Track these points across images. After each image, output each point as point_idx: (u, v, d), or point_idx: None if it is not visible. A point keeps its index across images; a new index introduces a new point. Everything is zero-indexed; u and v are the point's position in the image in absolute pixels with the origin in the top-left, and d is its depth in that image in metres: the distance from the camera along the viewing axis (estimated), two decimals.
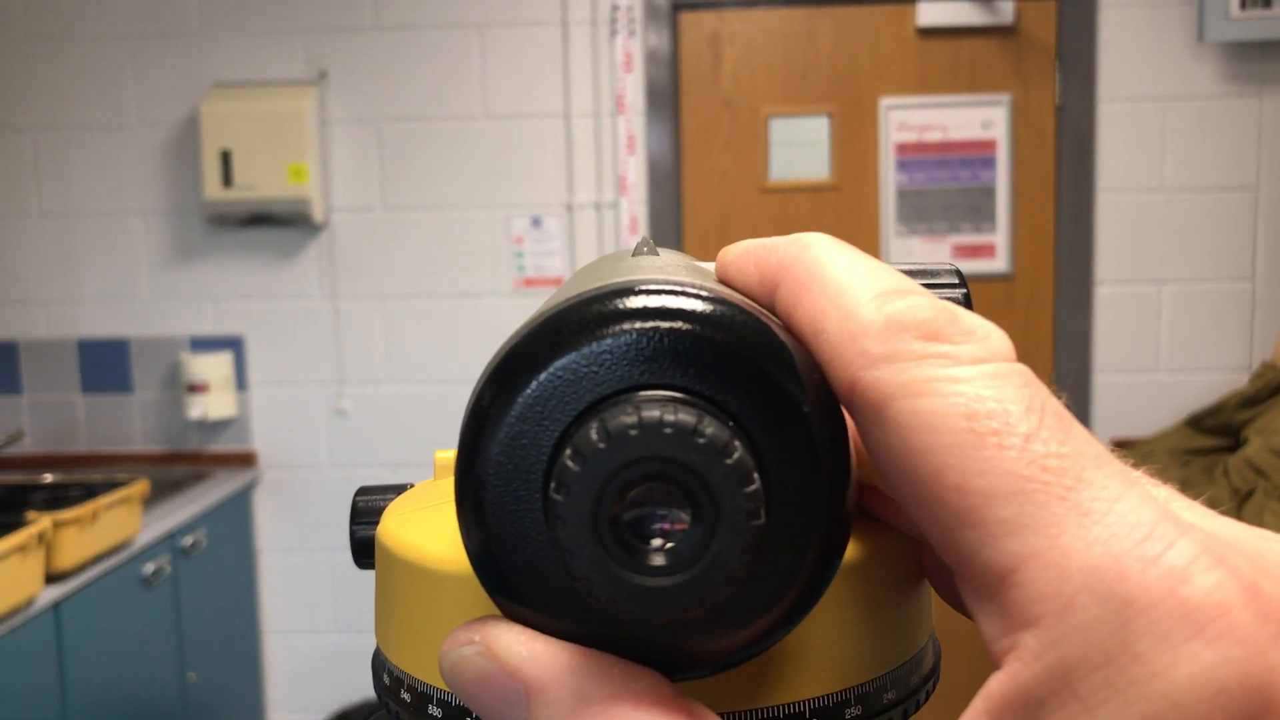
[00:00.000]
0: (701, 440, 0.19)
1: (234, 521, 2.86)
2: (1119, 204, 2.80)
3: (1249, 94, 2.74)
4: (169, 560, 2.44)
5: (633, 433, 0.19)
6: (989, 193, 2.84)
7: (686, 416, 0.20)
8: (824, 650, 0.24)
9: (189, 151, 2.87)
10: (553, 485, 0.20)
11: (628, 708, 0.21)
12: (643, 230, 2.85)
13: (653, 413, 0.19)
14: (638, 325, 0.21)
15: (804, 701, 0.24)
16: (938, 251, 2.85)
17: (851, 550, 0.25)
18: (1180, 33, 2.73)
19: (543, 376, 0.21)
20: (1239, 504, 2.36)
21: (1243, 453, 2.43)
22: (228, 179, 2.74)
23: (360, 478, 2.92)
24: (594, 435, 0.20)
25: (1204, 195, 2.78)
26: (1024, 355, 0.25)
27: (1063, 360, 2.84)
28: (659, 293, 0.21)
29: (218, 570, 2.75)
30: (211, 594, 2.71)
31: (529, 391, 0.21)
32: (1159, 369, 2.83)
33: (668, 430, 0.19)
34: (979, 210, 2.84)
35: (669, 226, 2.85)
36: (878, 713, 0.25)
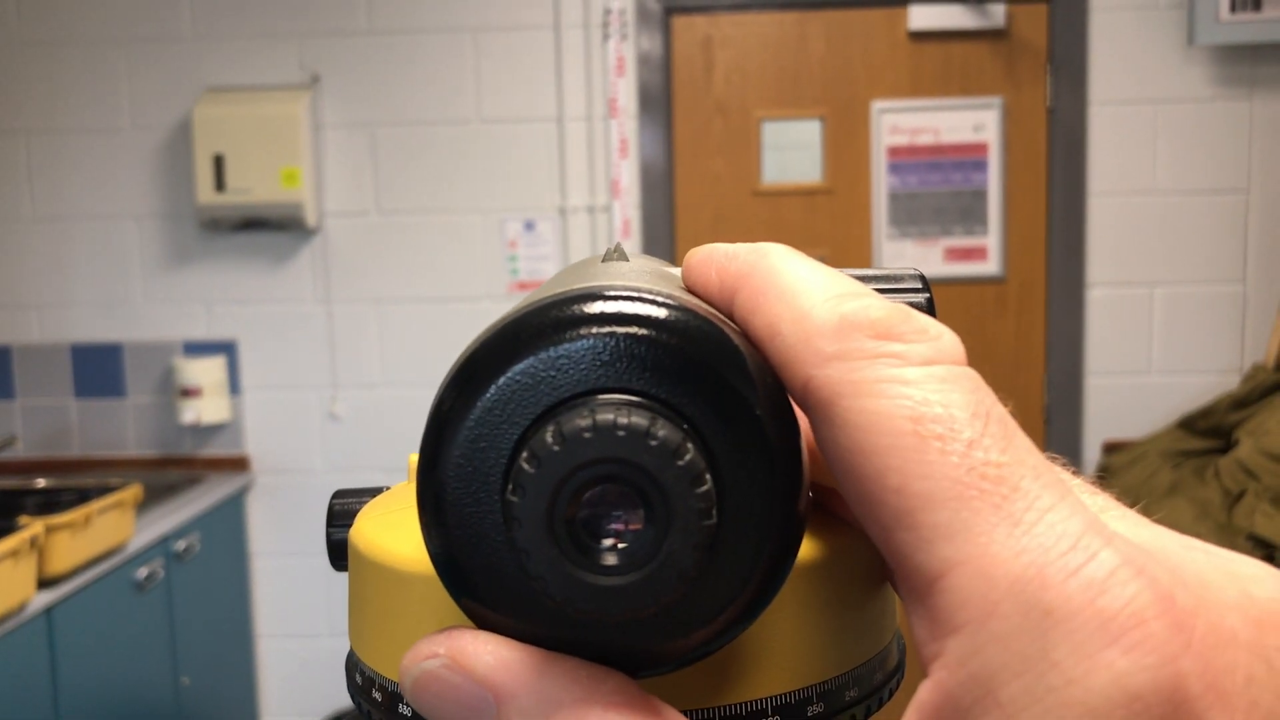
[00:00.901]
0: (654, 442, 0.20)
1: (227, 526, 2.86)
2: (1110, 207, 2.81)
3: (1239, 97, 2.75)
4: (162, 565, 2.44)
5: (586, 435, 0.20)
6: (981, 196, 2.84)
7: (639, 419, 0.20)
8: (786, 648, 0.25)
9: (182, 156, 2.87)
10: (509, 487, 0.20)
11: (598, 709, 0.21)
12: (635, 234, 2.85)
13: (606, 415, 0.20)
14: (594, 330, 0.21)
15: (766, 699, 0.25)
16: (930, 255, 2.86)
17: (814, 549, 0.25)
18: (1171, 36, 2.74)
19: (501, 381, 0.21)
20: (1230, 505, 2.37)
21: (1234, 454, 2.44)
22: (220, 183, 2.74)
23: (354, 482, 2.92)
24: (549, 438, 0.20)
25: (1195, 198, 2.79)
26: (1016, 358, 0.26)
27: (1055, 363, 2.85)
28: (616, 298, 0.22)
29: (211, 575, 2.75)
30: (205, 598, 2.71)
31: (488, 396, 0.21)
32: (1151, 371, 2.84)
33: (621, 433, 0.20)
34: (971, 213, 2.85)
35: (662, 230, 2.86)
36: (840, 710, 0.26)
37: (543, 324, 0.21)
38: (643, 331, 0.21)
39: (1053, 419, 2.88)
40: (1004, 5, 2.79)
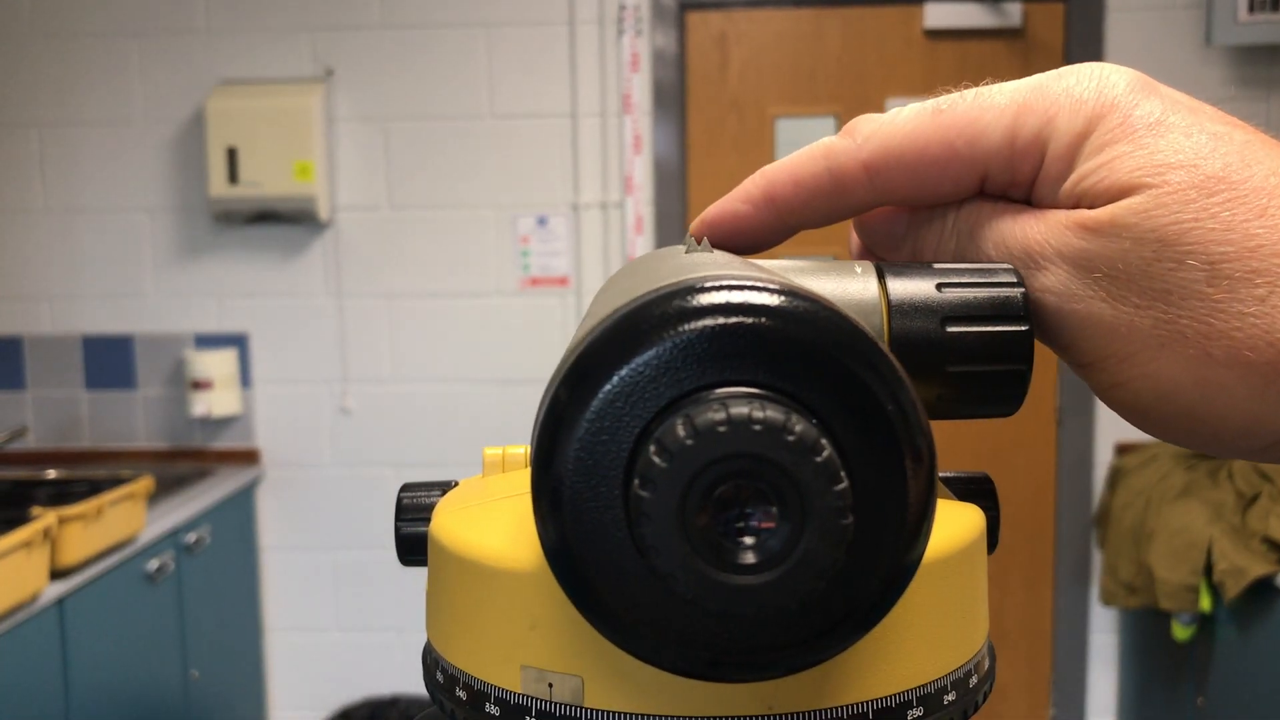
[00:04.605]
0: (791, 438, 0.19)
1: (237, 519, 2.86)
2: None
3: (1257, 97, 2.74)
4: (172, 557, 2.44)
5: (721, 429, 0.19)
6: None
7: (775, 413, 0.19)
8: (889, 651, 0.24)
9: (195, 148, 2.87)
10: (637, 481, 0.20)
11: None
12: (648, 230, 2.85)
13: (741, 409, 0.19)
14: (719, 320, 0.20)
15: (868, 703, 0.24)
16: None
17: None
18: (1188, 36, 2.73)
19: (623, 372, 0.20)
20: (1244, 508, 2.36)
21: None
22: (233, 176, 2.73)
23: (363, 477, 2.92)
24: (681, 431, 0.19)
25: None
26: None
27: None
28: (739, 288, 0.21)
29: (221, 567, 2.75)
30: (214, 591, 2.70)
31: (609, 388, 0.21)
32: None
33: (757, 427, 0.19)
34: None
35: (675, 227, 2.85)
36: (938, 713, 0.25)
37: (665, 314, 0.21)
38: (769, 322, 0.21)
39: (1065, 419, 2.87)
40: (1020, 4, 2.78)
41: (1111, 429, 2.85)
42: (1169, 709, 2.63)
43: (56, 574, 2.03)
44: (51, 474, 2.59)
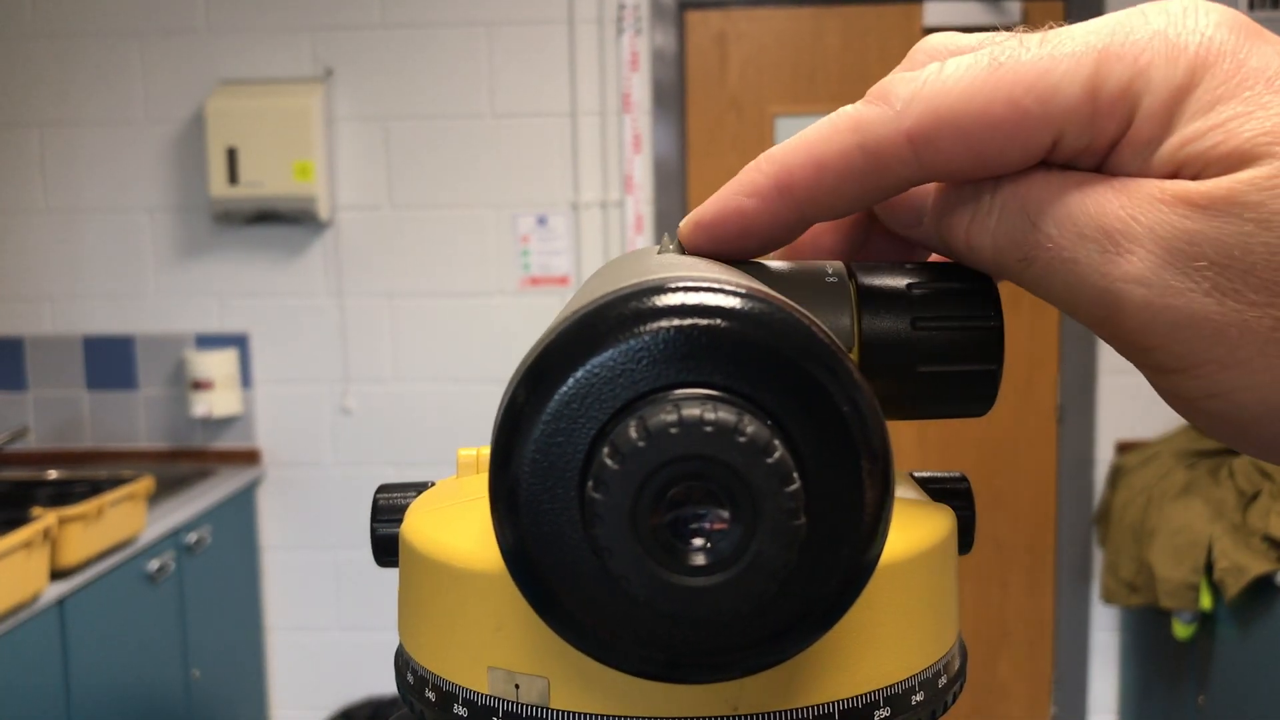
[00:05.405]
0: (742, 439, 0.19)
1: (238, 519, 2.86)
2: None
3: None
4: (173, 557, 2.44)
5: (673, 431, 0.19)
6: None
7: (727, 415, 0.19)
8: (854, 651, 0.24)
9: (195, 148, 2.87)
10: (591, 483, 0.20)
11: None
12: (648, 230, 2.84)
13: (693, 411, 0.19)
14: (675, 322, 0.21)
15: (833, 703, 0.24)
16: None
17: (888, 548, 0.25)
18: None
19: (579, 374, 0.21)
20: (1245, 506, 2.36)
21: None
22: (234, 176, 2.74)
23: (364, 476, 2.92)
24: (633, 433, 0.19)
25: None
26: (1030, 357, 0.26)
27: (1068, 361, 2.84)
28: (696, 289, 0.21)
29: (222, 567, 2.75)
30: (215, 591, 2.71)
31: (565, 389, 0.21)
32: None
33: (708, 429, 0.19)
34: None
35: (674, 226, 2.84)
36: (906, 714, 0.25)
37: (622, 316, 0.21)
38: (725, 324, 0.21)
39: (1066, 418, 2.87)
40: (1020, 3, 2.78)
41: (1112, 427, 2.84)
42: (1170, 707, 2.63)
43: (57, 574, 2.03)
44: (52, 474, 2.59)
